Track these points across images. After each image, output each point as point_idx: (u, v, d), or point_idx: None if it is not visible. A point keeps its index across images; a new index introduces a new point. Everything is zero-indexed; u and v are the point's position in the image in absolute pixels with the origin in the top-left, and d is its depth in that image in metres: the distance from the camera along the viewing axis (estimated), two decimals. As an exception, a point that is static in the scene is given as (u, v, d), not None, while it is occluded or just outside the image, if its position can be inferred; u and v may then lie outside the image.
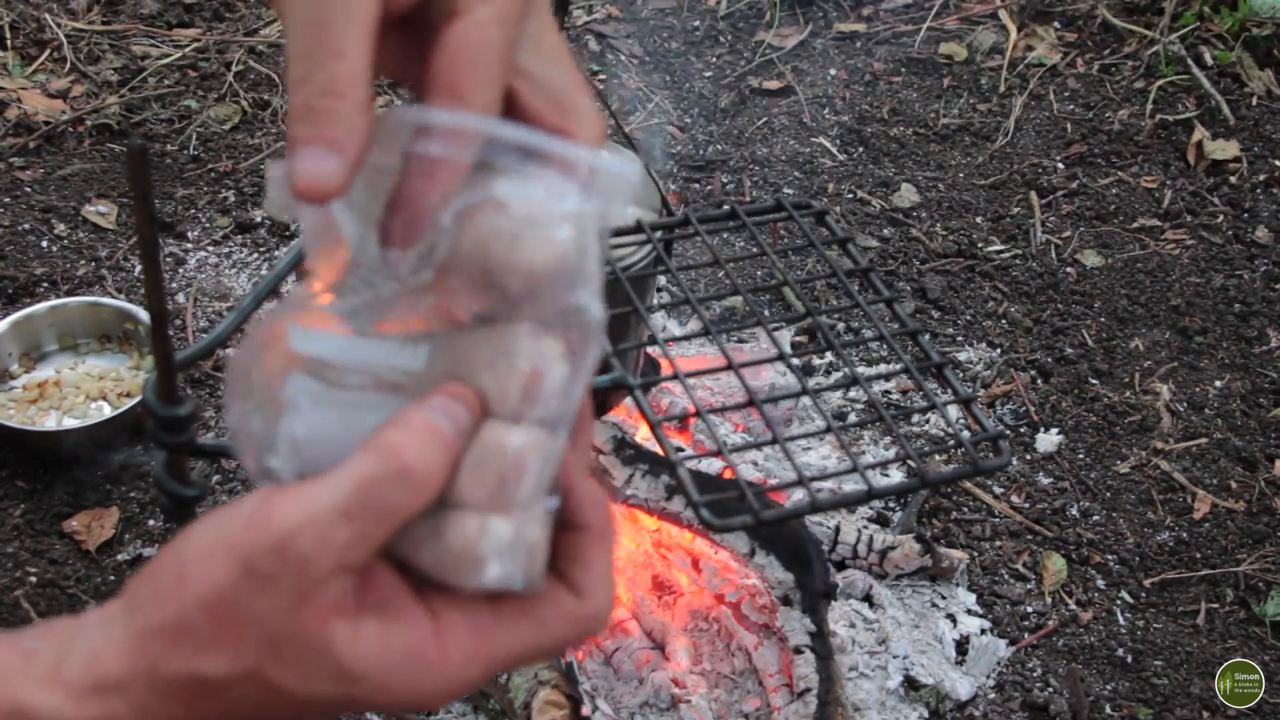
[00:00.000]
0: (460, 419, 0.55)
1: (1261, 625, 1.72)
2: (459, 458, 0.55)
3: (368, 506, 0.52)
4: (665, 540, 1.69)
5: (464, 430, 0.55)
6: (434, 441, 0.54)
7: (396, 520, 0.53)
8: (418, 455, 0.53)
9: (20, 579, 1.65)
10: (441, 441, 0.54)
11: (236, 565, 0.52)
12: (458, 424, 0.54)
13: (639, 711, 1.50)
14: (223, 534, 0.54)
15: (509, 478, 0.54)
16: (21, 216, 2.17)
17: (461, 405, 0.55)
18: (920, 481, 1.03)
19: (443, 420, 0.54)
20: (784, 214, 1.27)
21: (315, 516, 0.52)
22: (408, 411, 0.55)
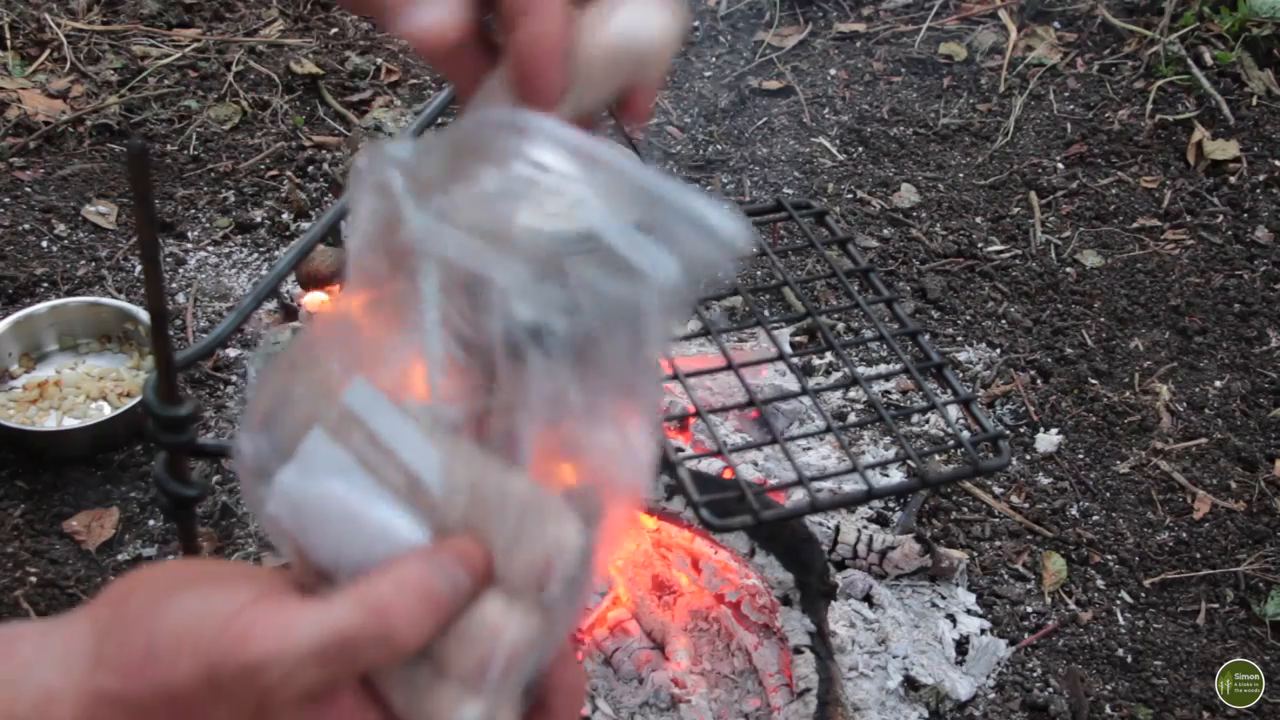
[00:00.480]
0: (461, 585, 0.53)
1: (1261, 625, 1.72)
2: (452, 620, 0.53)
3: (342, 658, 0.51)
4: (665, 540, 1.69)
5: (461, 597, 0.53)
6: (426, 606, 0.52)
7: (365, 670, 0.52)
8: (405, 620, 0.52)
9: (20, 579, 1.65)
10: (435, 606, 0.52)
11: (202, 672, 0.51)
12: (457, 590, 0.53)
13: (639, 711, 1.51)
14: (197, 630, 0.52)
15: (493, 664, 0.52)
16: (22, 217, 2.17)
17: (464, 571, 0.53)
18: (920, 481, 1.03)
19: (442, 582, 0.52)
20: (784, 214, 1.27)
21: (287, 653, 0.51)
22: (409, 563, 0.53)
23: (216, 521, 1.74)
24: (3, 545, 1.69)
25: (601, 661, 1.56)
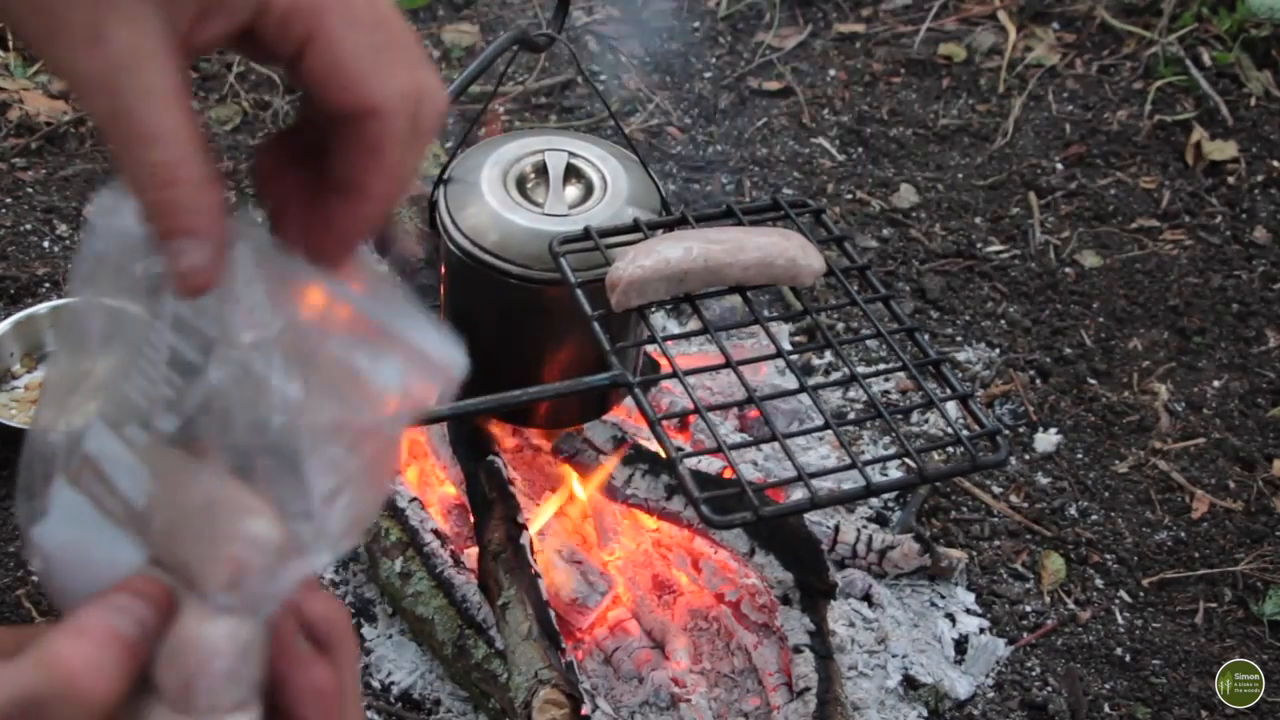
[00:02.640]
0: (145, 619, 0.51)
1: (1259, 624, 1.72)
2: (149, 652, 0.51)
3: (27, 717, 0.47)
4: (665, 539, 1.70)
5: (149, 630, 0.51)
6: (112, 650, 0.50)
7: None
8: (87, 669, 0.49)
9: (22, 578, 1.65)
10: (122, 648, 0.50)
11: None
12: (142, 625, 0.51)
13: (639, 710, 1.51)
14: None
15: (196, 679, 0.51)
16: (23, 217, 2.18)
17: (146, 604, 0.51)
18: (919, 478, 1.04)
19: (124, 622, 0.50)
20: (781, 213, 1.27)
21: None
22: (87, 614, 0.51)
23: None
24: (4, 545, 1.69)
25: (601, 660, 1.57)
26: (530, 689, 1.40)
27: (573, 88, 2.58)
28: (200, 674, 0.51)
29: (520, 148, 1.43)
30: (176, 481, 0.53)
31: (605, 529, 1.69)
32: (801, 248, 1.17)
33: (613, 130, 2.38)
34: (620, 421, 1.69)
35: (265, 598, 0.52)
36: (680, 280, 1.14)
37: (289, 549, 0.52)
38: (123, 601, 0.51)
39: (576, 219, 1.35)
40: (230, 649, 0.51)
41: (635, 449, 1.65)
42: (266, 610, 0.53)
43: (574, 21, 2.72)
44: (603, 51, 2.69)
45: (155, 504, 0.53)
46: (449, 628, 1.53)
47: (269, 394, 0.52)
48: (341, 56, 0.53)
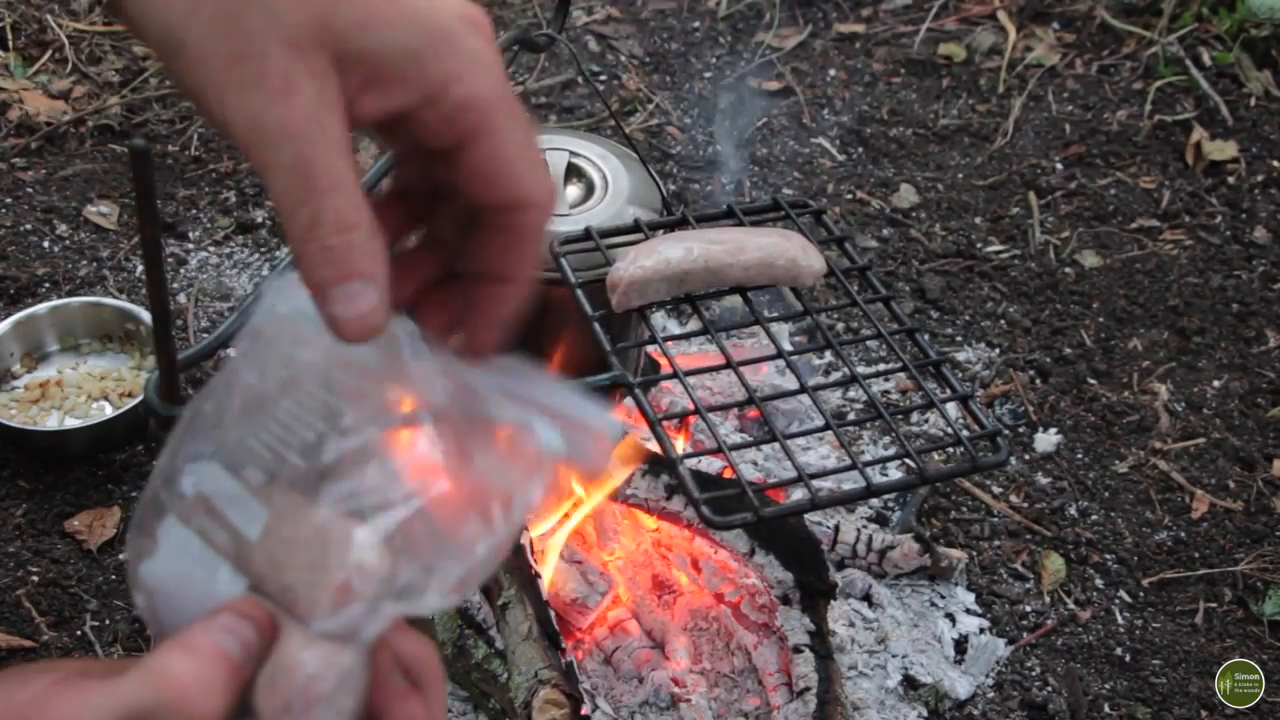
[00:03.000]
0: (249, 640, 0.53)
1: (1259, 624, 1.72)
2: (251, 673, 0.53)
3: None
4: (665, 540, 1.70)
5: (252, 653, 0.53)
6: (217, 668, 0.52)
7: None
8: (195, 685, 0.51)
9: (22, 578, 1.65)
10: (227, 667, 0.52)
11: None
12: (246, 647, 0.52)
13: (639, 710, 1.51)
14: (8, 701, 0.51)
15: (294, 704, 0.52)
16: (23, 217, 2.18)
17: (249, 624, 0.53)
18: (919, 478, 1.04)
19: (229, 642, 0.52)
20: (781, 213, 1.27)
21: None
22: (194, 633, 0.53)
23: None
24: (4, 545, 1.69)
25: (601, 660, 1.57)
26: (530, 689, 1.40)
27: (573, 88, 2.58)
28: (299, 699, 0.52)
29: (520, 148, 1.43)
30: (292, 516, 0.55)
31: (605, 529, 1.69)
32: (802, 248, 1.17)
33: (613, 130, 2.38)
34: (620, 421, 1.69)
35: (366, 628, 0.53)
36: (681, 281, 1.14)
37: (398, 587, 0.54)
38: (228, 622, 0.53)
39: (577, 219, 1.35)
40: (330, 676, 0.52)
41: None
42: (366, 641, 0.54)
43: (574, 21, 2.72)
44: (603, 51, 2.69)
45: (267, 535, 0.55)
46: (449, 627, 1.53)
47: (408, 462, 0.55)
48: (507, 153, 0.56)
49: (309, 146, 0.52)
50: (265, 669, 0.53)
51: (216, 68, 0.52)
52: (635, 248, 1.17)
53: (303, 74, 0.52)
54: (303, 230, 0.53)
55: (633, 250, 1.16)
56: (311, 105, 0.52)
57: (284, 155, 0.52)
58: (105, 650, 1.58)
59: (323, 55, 0.53)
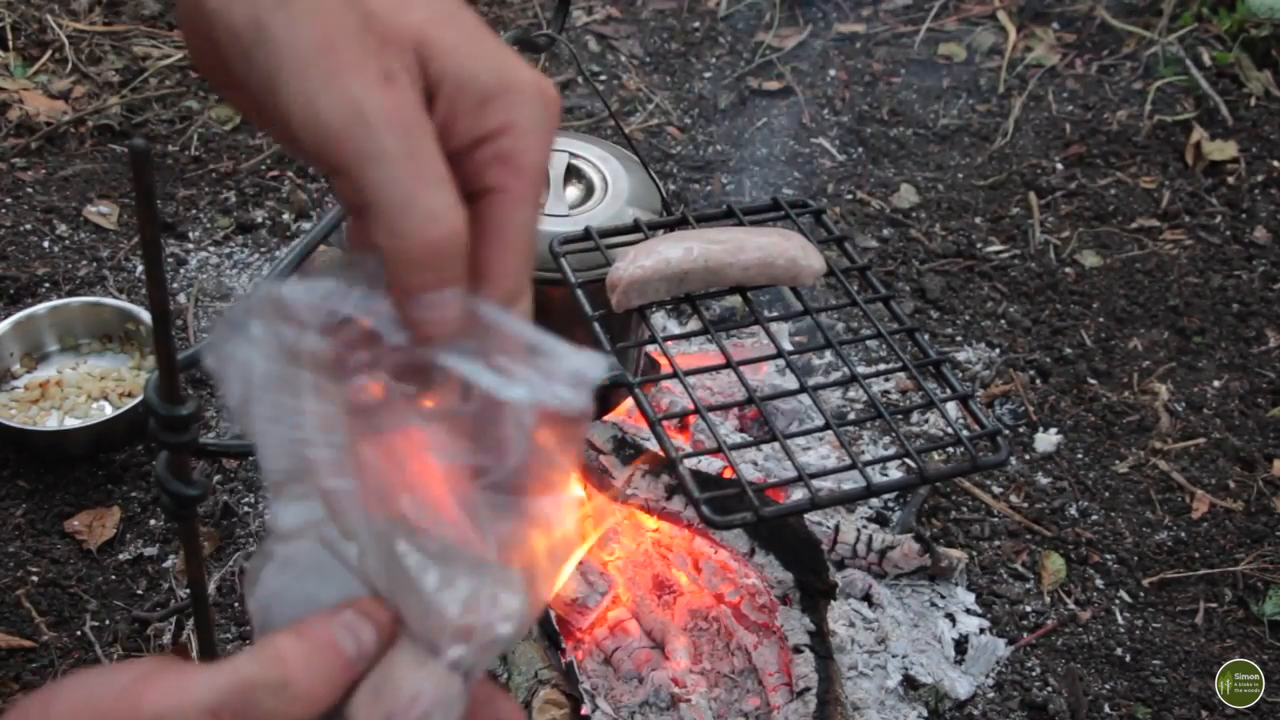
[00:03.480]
0: (365, 641, 0.52)
1: (1259, 624, 1.72)
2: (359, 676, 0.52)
3: (238, 711, 0.49)
4: (665, 540, 1.70)
5: (366, 653, 0.52)
6: (328, 659, 0.51)
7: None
8: (304, 670, 0.50)
9: (22, 578, 1.65)
10: (338, 660, 0.51)
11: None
12: (361, 646, 0.52)
13: (639, 711, 1.51)
14: (94, 699, 0.50)
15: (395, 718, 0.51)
16: (23, 217, 2.18)
17: (370, 626, 0.53)
18: (920, 478, 1.04)
19: (345, 638, 0.52)
20: (781, 213, 1.27)
21: (183, 707, 0.49)
22: (312, 622, 0.52)
23: (218, 521, 1.75)
24: (4, 545, 1.69)
25: (601, 661, 1.57)
26: (530, 689, 1.40)
27: (573, 88, 2.58)
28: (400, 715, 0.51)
29: (520, 148, 1.43)
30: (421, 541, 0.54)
31: (605, 529, 1.69)
32: (802, 248, 1.17)
33: (613, 130, 2.38)
34: (621, 422, 1.69)
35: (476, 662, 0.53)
36: (680, 280, 1.14)
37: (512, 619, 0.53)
38: (349, 619, 0.52)
39: (577, 219, 1.35)
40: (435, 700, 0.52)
41: (635, 449, 1.65)
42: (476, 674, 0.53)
43: (574, 21, 2.72)
44: (603, 51, 2.69)
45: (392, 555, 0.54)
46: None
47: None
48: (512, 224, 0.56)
49: (417, 138, 0.51)
50: (370, 678, 0.52)
51: (304, 55, 0.51)
52: (635, 248, 1.17)
53: (400, 65, 0.51)
54: (416, 225, 0.51)
55: (632, 250, 1.16)
56: (412, 96, 0.51)
57: (390, 142, 0.50)
58: (105, 650, 1.58)
59: (415, 63, 0.52)
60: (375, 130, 0.50)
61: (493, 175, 0.54)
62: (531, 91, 0.55)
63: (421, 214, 0.51)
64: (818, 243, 1.21)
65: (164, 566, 1.70)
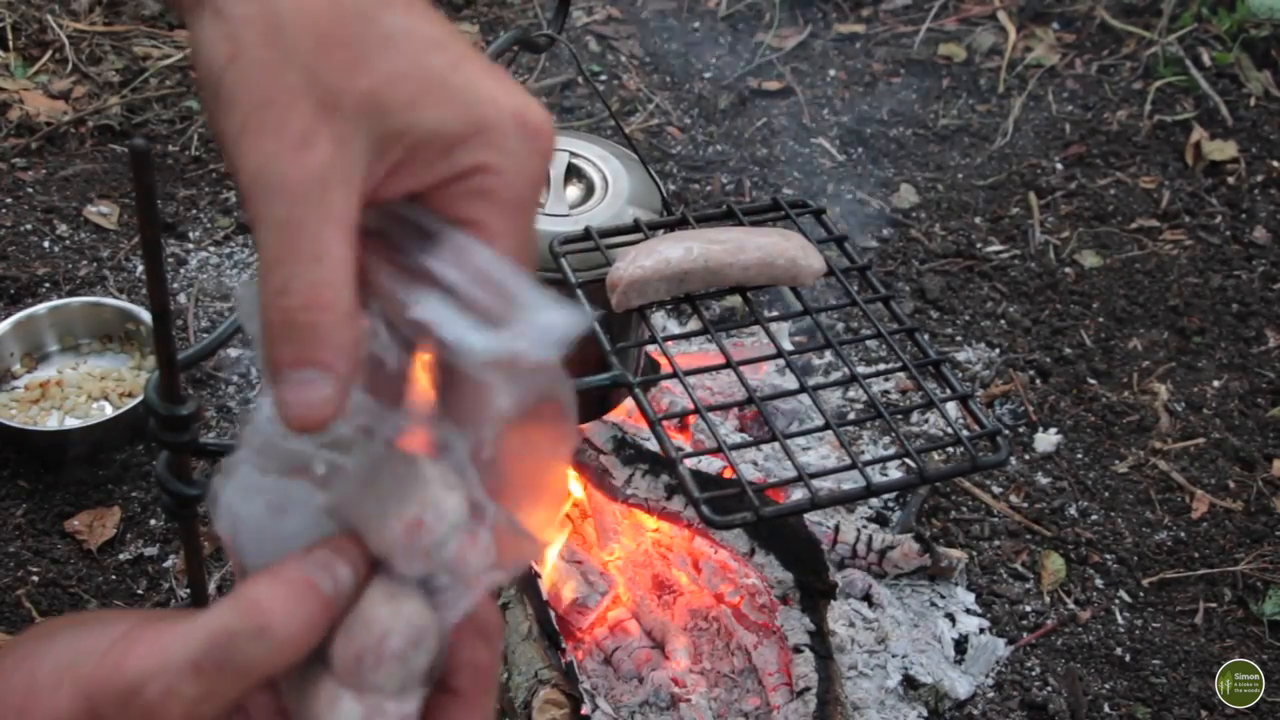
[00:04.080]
0: (342, 578, 0.52)
1: (1259, 624, 1.72)
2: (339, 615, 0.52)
3: (220, 662, 0.49)
4: (665, 540, 1.70)
5: (343, 591, 0.52)
6: (306, 600, 0.51)
7: (253, 677, 0.50)
8: (282, 614, 0.50)
9: (22, 578, 1.65)
10: (316, 601, 0.51)
11: (78, 703, 0.49)
12: (338, 585, 0.51)
13: (639, 710, 1.51)
14: (74, 664, 0.50)
15: (367, 658, 0.51)
16: (23, 217, 2.18)
17: (345, 563, 0.52)
18: (919, 478, 1.04)
19: (322, 577, 0.51)
20: (781, 213, 1.27)
21: (165, 666, 0.49)
22: (286, 565, 0.52)
23: (218, 521, 1.75)
24: (5, 545, 1.69)
25: (601, 661, 1.57)
26: (530, 689, 1.40)
27: (573, 88, 2.58)
28: (372, 653, 0.51)
29: (520, 148, 1.43)
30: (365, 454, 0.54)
31: (605, 529, 1.69)
32: (802, 248, 1.17)
33: (613, 130, 2.38)
34: (620, 421, 1.69)
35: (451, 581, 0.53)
36: (681, 280, 1.14)
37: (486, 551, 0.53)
38: (322, 557, 0.52)
39: (577, 219, 1.35)
40: (405, 632, 0.52)
41: (635, 449, 1.65)
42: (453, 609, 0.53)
43: (574, 21, 2.72)
44: (603, 51, 2.69)
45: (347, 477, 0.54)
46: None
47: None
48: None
49: (304, 209, 0.50)
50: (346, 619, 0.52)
51: (241, 111, 0.51)
52: (635, 248, 1.17)
53: (325, 135, 0.51)
54: (273, 293, 0.50)
55: (633, 250, 1.16)
56: (322, 167, 0.51)
57: (276, 210, 0.50)
58: (105, 650, 1.58)
59: (361, 127, 0.51)
60: (267, 195, 0.50)
61: (465, 209, 0.54)
62: (506, 128, 0.54)
63: (279, 284, 0.50)
64: (818, 243, 1.21)
65: (164, 566, 1.70)
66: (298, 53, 0.52)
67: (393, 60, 0.53)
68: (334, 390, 0.50)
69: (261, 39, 0.52)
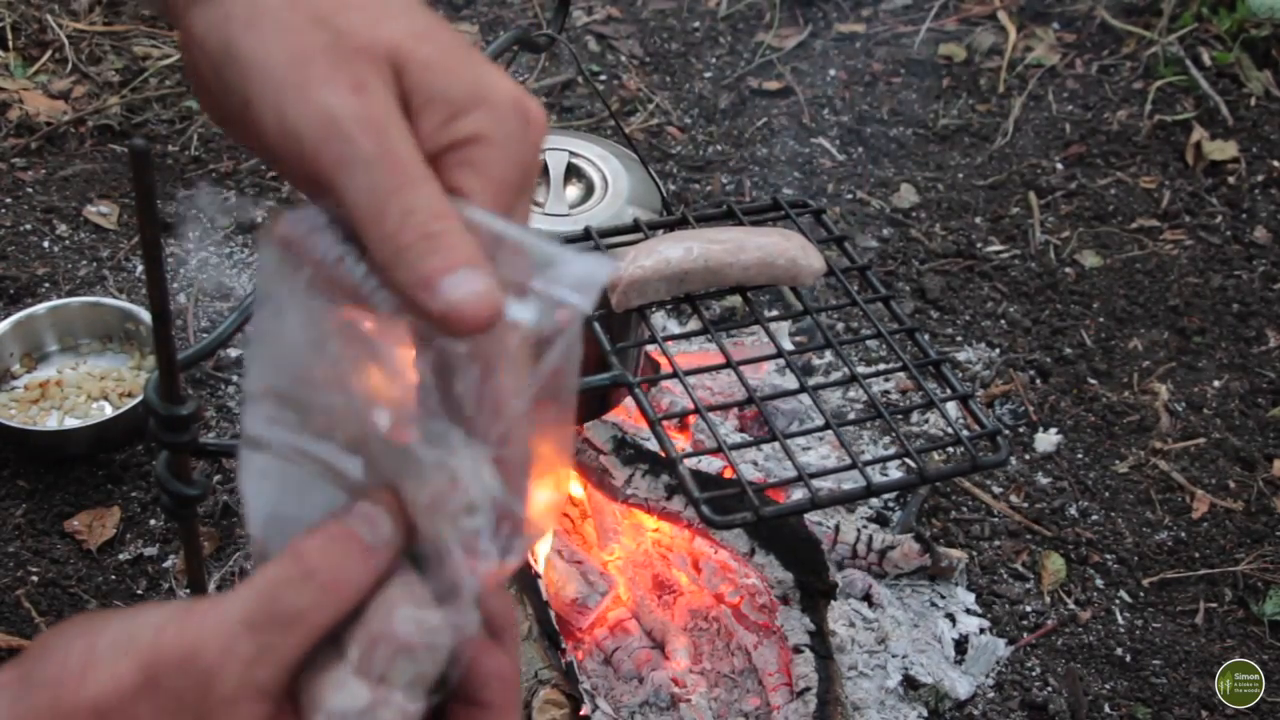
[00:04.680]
0: (382, 527, 0.52)
1: (1260, 624, 1.72)
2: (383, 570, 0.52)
3: (272, 614, 0.49)
4: (665, 540, 1.70)
5: (386, 539, 0.52)
6: (347, 547, 0.51)
7: (305, 630, 0.50)
8: (323, 558, 0.50)
9: (22, 578, 1.65)
10: (357, 548, 0.51)
11: (139, 672, 0.49)
12: (378, 532, 0.52)
13: (639, 711, 1.51)
14: (134, 635, 0.51)
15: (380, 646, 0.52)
16: (23, 217, 2.18)
17: (385, 513, 0.52)
18: (919, 478, 1.04)
19: (362, 526, 0.52)
20: (781, 213, 1.27)
21: (220, 627, 0.49)
22: (328, 519, 0.52)
23: (218, 521, 1.75)
24: (4, 545, 1.69)
25: (601, 661, 1.57)
26: (530, 689, 1.40)
27: (573, 88, 2.58)
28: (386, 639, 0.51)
29: (520, 148, 1.43)
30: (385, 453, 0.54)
31: (605, 529, 1.69)
32: (802, 248, 1.17)
33: (613, 130, 2.38)
34: (620, 421, 1.69)
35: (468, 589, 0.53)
36: (681, 280, 1.14)
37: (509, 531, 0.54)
38: (362, 509, 0.53)
39: (577, 219, 1.35)
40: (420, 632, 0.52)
41: (635, 449, 1.65)
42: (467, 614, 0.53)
43: (574, 21, 2.72)
44: (603, 51, 2.69)
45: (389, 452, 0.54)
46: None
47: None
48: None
49: (391, 141, 0.51)
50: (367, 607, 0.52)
51: (274, 72, 0.52)
52: (635, 247, 1.17)
53: (374, 79, 0.52)
54: (397, 223, 0.50)
55: (633, 250, 1.16)
56: (384, 105, 0.51)
57: (364, 147, 0.50)
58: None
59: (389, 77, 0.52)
60: (349, 136, 0.50)
61: (455, 177, 0.54)
62: (507, 107, 0.55)
63: (402, 208, 0.50)
64: (818, 243, 1.21)
65: (164, 566, 1.70)
66: (322, 12, 0.53)
67: (411, 21, 0.54)
68: (495, 283, 0.50)
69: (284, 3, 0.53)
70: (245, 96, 0.52)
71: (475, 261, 0.50)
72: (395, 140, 0.51)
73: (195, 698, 0.49)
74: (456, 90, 0.53)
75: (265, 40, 0.52)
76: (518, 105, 0.55)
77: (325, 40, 0.52)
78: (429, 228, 0.50)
